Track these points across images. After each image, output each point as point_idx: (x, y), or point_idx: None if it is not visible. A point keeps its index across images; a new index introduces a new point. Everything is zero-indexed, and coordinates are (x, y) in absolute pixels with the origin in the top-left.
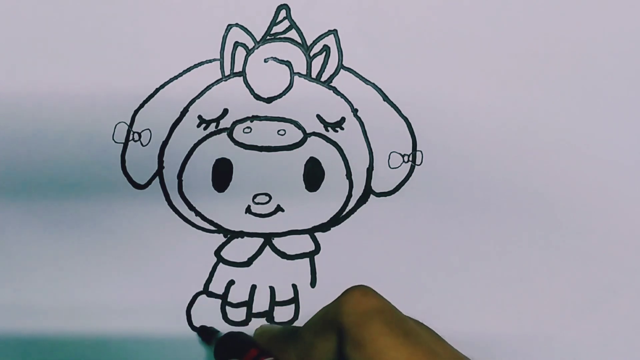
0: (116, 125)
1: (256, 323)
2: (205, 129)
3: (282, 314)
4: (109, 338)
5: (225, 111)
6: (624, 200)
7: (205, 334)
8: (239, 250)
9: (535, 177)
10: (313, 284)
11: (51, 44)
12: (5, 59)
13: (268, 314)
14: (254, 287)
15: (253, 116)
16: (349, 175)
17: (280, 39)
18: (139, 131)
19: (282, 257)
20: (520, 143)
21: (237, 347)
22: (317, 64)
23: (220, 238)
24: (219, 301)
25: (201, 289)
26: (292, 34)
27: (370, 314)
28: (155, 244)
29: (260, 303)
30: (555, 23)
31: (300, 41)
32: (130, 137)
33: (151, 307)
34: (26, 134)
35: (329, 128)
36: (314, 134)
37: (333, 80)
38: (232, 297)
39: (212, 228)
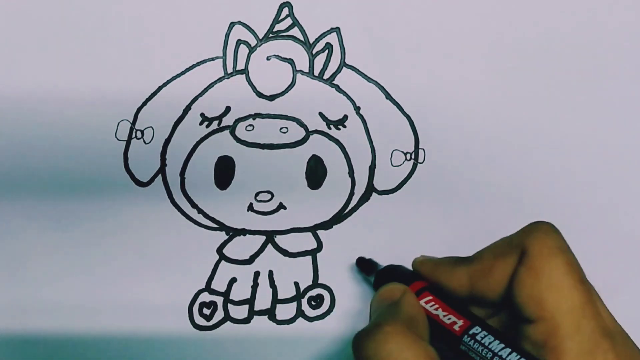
0: (119, 123)
1: (258, 321)
2: (207, 126)
3: (284, 312)
4: (110, 336)
5: (228, 109)
6: (625, 201)
7: (365, 265)
8: (241, 248)
9: (537, 176)
10: (315, 281)
11: (54, 42)
12: (9, 56)
13: (270, 312)
14: (256, 285)
15: (255, 114)
16: (351, 173)
17: (283, 37)
18: (142, 129)
19: (284, 255)
20: (523, 141)
21: (399, 279)
22: (319, 61)
23: (222, 236)
24: (221, 299)
25: (203, 286)
26: (295, 31)
27: (554, 249)
28: (157, 242)
29: (263, 301)
30: (558, 22)
31: (302, 39)
32: (133, 135)
33: (153, 304)
34: (29, 131)
35: (332, 126)
36: (317, 131)
37: (335, 78)
38: (234, 295)
39: (214, 226)
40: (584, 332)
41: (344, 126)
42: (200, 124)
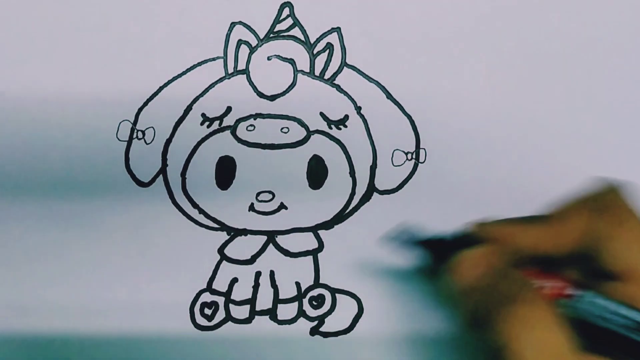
0: (120, 123)
1: (259, 321)
2: (208, 127)
3: (286, 312)
4: (111, 336)
5: (229, 109)
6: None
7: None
8: (242, 248)
9: (539, 175)
10: (316, 281)
11: (55, 42)
12: (11, 56)
13: (271, 312)
14: (257, 285)
15: (256, 114)
16: (352, 172)
17: (284, 37)
18: (143, 129)
19: (286, 255)
20: (524, 141)
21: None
22: (320, 61)
23: (223, 236)
24: (223, 299)
25: (204, 286)
26: (296, 31)
27: (631, 207)
28: (158, 242)
29: (264, 301)
30: (559, 22)
31: (303, 39)
32: (134, 135)
33: (154, 304)
34: (30, 131)
35: (333, 126)
36: (318, 131)
37: (336, 78)
38: (236, 295)
39: (216, 226)
40: None
41: (345, 126)
42: (202, 124)
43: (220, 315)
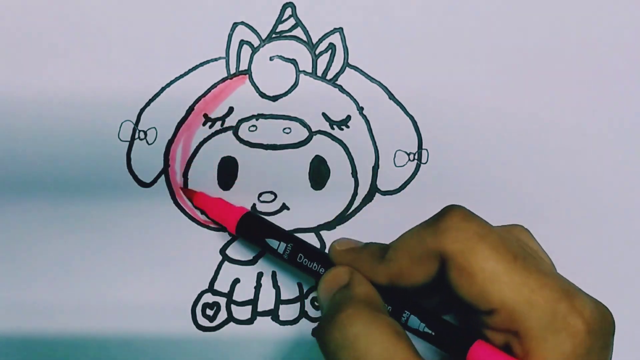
0: (122, 124)
1: (261, 322)
2: (210, 127)
3: (288, 313)
4: (113, 336)
5: (231, 109)
6: (628, 201)
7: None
8: (244, 248)
9: (541, 176)
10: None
11: (57, 42)
12: (12, 57)
13: (273, 313)
14: (259, 286)
15: (258, 114)
16: (354, 173)
17: (286, 37)
18: (145, 130)
19: None
20: (526, 142)
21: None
22: (322, 62)
23: (225, 236)
24: (224, 299)
25: (206, 287)
26: (298, 32)
27: (474, 239)
28: (160, 242)
29: (266, 301)
30: (561, 22)
31: (305, 39)
32: (136, 136)
33: (156, 305)
34: (32, 132)
35: (335, 126)
36: (320, 132)
37: (339, 79)
38: (237, 296)
39: (218, 226)
40: (537, 307)
41: (347, 126)
42: (203, 124)
43: (222, 316)
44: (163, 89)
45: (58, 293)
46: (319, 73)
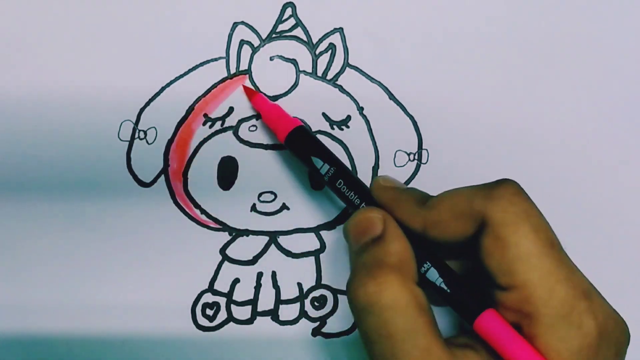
0: (122, 124)
1: (261, 322)
2: (210, 127)
3: (287, 313)
4: (112, 336)
5: (231, 109)
6: (629, 201)
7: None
8: (244, 248)
9: (541, 177)
10: (318, 282)
11: (56, 42)
12: (12, 56)
13: (273, 313)
14: (259, 286)
15: (259, 114)
16: (354, 173)
17: (286, 37)
18: (145, 129)
19: (288, 256)
20: (526, 142)
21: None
22: (322, 62)
23: (225, 236)
24: (224, 299)
25: (206, 287)
26: (298, 32)
27: (520, 215)
28: (160, 242)
29: (266, 301)
30: (560, 23)
31: (305, 39)
32: (136, 135)
33: (156, 305)
34: (31, 131)
35: (335, 126)
36: (320, 132)
37: (339, 79)
38: (237, 296)
39: (217, 226)
40: (557, 297)
41: (347, 126)
42: (204, 124)
43: (222, 315)
44: (163, 88)
45: (58, 293)
46: (319, 73)
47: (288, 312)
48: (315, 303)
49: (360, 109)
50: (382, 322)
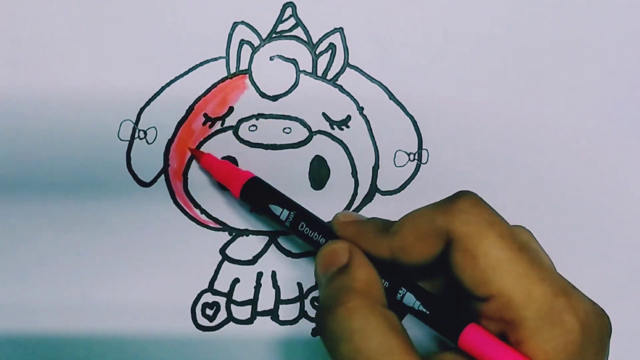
0: (122, 123)
1: (261, 322)
2: (210, 127)
3: (287, 313)
4: (112, 336)
5: (231, 109)
6: (630, 201)
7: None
8: (244, 248)
9: (540, 177)
10: None
11: (57, 42)
12: (12, 56)
13: (273, 313)
14: (259, 286)
15: (259, 114)
16: (354, 173)
17: (286, 37)
18: (145, 129)
19: (287, 256)
20: (526, 142)
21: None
22: (322, 62)
23: (225, 236)
24: (224, 299)
25: (206, 287)
26: (298, 32)
27: (483, 224)
28: (160, 242)
29: (265, 301)
30: (561, 23)
31: (306, 39)
32: (136, 135)
33: (155, 305)
34: (31, 131)
35: (335, 126)
36: (320, 132)
37: (339, 79)
38: (237, 296)
39: (217, 226)
40: (535, 299)
41: (347, 126)
42: (204, 124)
43: (222, 315)
44: (163, 88)
45: (57, 292)
46: (319, 73)
47: (288, 312)
48: (315, 303)
49: (360, 109)
50: (356, 348)
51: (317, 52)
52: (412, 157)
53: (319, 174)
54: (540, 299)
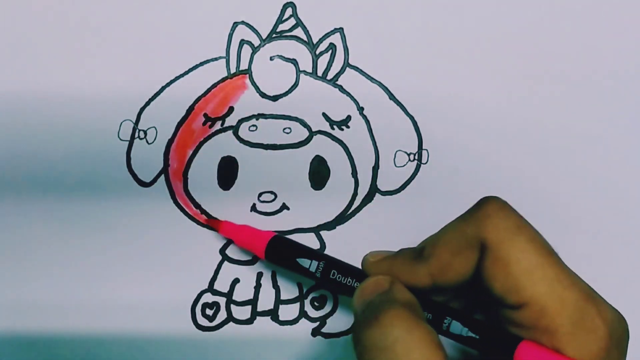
0: (122, 123)
1: (261, 322)
2: (210, 127)
3: (287, 313)
4: (112, 336)
5: (231, 109)
6: (630, 201)
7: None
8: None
9: (541, 176)
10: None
11: (57, 42)
12: (12, 56)
13: (273, 313)
14: (258, 286)
15: (259, 114)
16: (354, 173)
17: (286, 37)
18: (145, 129)
19: None
20: (526, 142)
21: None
22: (323, 62)
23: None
24: (224, 299)
25: (206, 287)
26: (298, 32)
27: (513, 229)
28: (160, 242)
29: (265, 301)
30: (561, 23)
31: (306, 39)
32: (136, 135)
33: (155, 305)
34: (31, 131)
35: (335, 126)
36: (320, 132)
37: (339, 79)
38: (237, 296)
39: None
40: (569, 305)
41: (348, 127)
42: (204, 124)
43: (222, 315)
44: (163, 88)
45: (57, 293)
46: (319, 73)
47: (288, 312)
48: (315, 303)
49: (361, 109)
50: (397, 358)
51: (317, 52)
52: (412, 157)
53: (319, 174)
54: (572, 304)
